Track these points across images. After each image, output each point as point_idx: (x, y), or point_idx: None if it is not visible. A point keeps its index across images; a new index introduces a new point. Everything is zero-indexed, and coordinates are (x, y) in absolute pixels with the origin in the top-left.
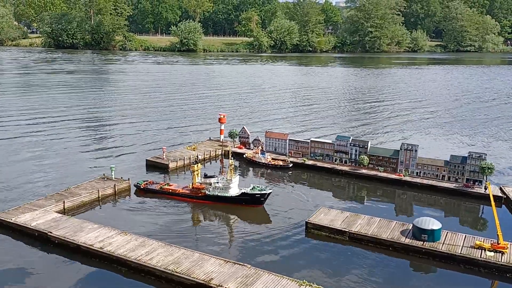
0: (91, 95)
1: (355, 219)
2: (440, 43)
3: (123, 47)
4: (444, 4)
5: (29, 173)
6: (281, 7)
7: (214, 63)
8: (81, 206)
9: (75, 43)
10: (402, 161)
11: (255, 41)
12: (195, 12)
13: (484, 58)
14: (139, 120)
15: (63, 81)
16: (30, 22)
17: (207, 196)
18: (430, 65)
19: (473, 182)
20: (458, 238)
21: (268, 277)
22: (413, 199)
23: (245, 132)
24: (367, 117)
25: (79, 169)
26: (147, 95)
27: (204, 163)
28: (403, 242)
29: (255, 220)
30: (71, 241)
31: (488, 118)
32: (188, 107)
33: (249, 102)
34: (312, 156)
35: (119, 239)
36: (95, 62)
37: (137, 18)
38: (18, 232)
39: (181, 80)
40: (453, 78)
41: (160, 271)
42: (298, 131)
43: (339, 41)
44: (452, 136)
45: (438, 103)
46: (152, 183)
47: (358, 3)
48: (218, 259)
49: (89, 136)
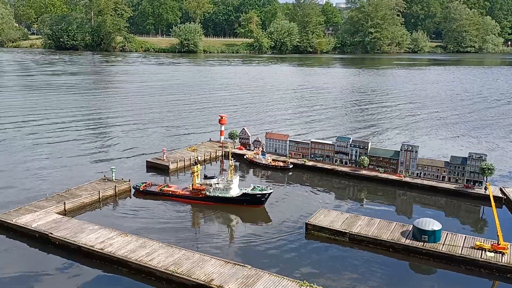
0: (91, 97)
1: (355, 220)
2: (440, 44)
3: (124, 49)
4: (444, 5)
5: (30, 174)
6: (281, 8)
7: (215, 64)
8: (81, 207)
9: (75, 45)
10: (402, 162)
11: (256, 42)
12: (195, 13)
13: (484, 59)
14: (139, 121)
15: (63, 83)
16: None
17: (208, 197)
18: (430, 66)
19: (473, 183)
20: (458, 238)
21: (268, 278)
22: (413, 200)
23: (245, 133)
24: (367, 118)
25: (79, 170)
26: (147, 96)
27: (204, 164)
28: (404, 243)
29: (256, 221)
30: (71, 242)
31: (489, 119)
32: (189, 108)
33: (250, 103)
34: (312, 157)
35: (119, 240)
36: (96, 64)
37: (137, 20)
38: (18, 233)
39: (181, 81)
40: (453, 79)
41: (161, 272)
42: (298, 132)
43: (339, 42)
44: (452, 137)
45: (438, 104)
46: (151, 185)
47: (358, 4)
48: (219, 260)
49: (89, 137)
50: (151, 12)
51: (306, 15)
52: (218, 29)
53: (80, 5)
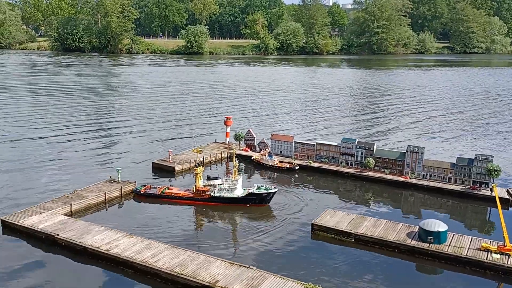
0: (98, 98)
1: (361, 221)
2: (447, 44)
3: (130, 50)
4: (451, 6)
5: (37, 176)
6: (287, 9)
7: (221, 65)
8: (88, 209)
9: (82, 47)
10: (408, 163)
11: (261, 44)
12: (201, 15)
13: (492, 59)
14: (145, 123)
15: (70, 84)
16: (38, 26)
17: (213, 198)
18: (437, 67)
19: (480, 185)
20: (464, 240)
21: (273, 279)
22: (419, 201)
23: (250, 135)
24: (373, 119)
25: (85, 172)
26: (153, 97)
27: (210, 165)
28: (409, 244)
29: (261, 222)
30: (77, 243)
31: (495, 120)
32: (195, 109)
33: (255, 105)
34: (317, 159)
35: (125, 242)
36: (102, 65)
37: (144, 22)
38: (25, 234)
39: (188, 83)
40: (460, 80)
41: (166, 273)
42: (304, 134)
43: (346, 43)
44: (459, 138)
45: (444, 105)
46: (150, 188)
47: (365, 5)
48: (224, 262)
49: (95, 139)
50: (157, 14)
51: (312, 17)
52: (224, 31)
53: (87, 7)
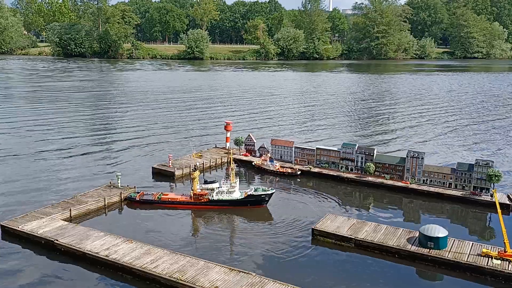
0: (98, 103)
1: (362, 226)
2: (447, 50)
3: (131, 56)
4: (451, 11)
5: (36, 181)
6: (287, 15)
7: (221, 70)
8: (87, 214)
9: (83, 52)
10: (409, 168)
11: (262, 49)
12: (202, 20)
13: (492, 64)
14: (145, 128)
15: (70, 90)
16: (40, 31)
17: (211, 201)
18: (437, 72)
19: (480, 190)
20: (464, 245)
21: (273, 285)
22: (419, 206)
23: (251, 140)
24: (373, 124)
25: (85, 176)
26: (153, 102)
27: (210, 170)
28: (410, 250)
29: (261, 227)
30: (77, 248)
31: (496, 125)
32: (195, 114)
33: (255, 110)
34: (318, 164)
35: (124, 247)
36: (103, 70)
37: (145, 27)
38: (24, 240)
39: (188, 88)
40: (460, 85)
41: (165, 279)
42: (304, 139)
43: (346, 48)
44: (459, 144)
45: (444, 110)
46: (144, 194)
47: (365, 10)
48: (223, 267)
49: (95, 144)
50: (158, 19)
51: (312, 22)
52: (225, 36)
53: (88, 13)
